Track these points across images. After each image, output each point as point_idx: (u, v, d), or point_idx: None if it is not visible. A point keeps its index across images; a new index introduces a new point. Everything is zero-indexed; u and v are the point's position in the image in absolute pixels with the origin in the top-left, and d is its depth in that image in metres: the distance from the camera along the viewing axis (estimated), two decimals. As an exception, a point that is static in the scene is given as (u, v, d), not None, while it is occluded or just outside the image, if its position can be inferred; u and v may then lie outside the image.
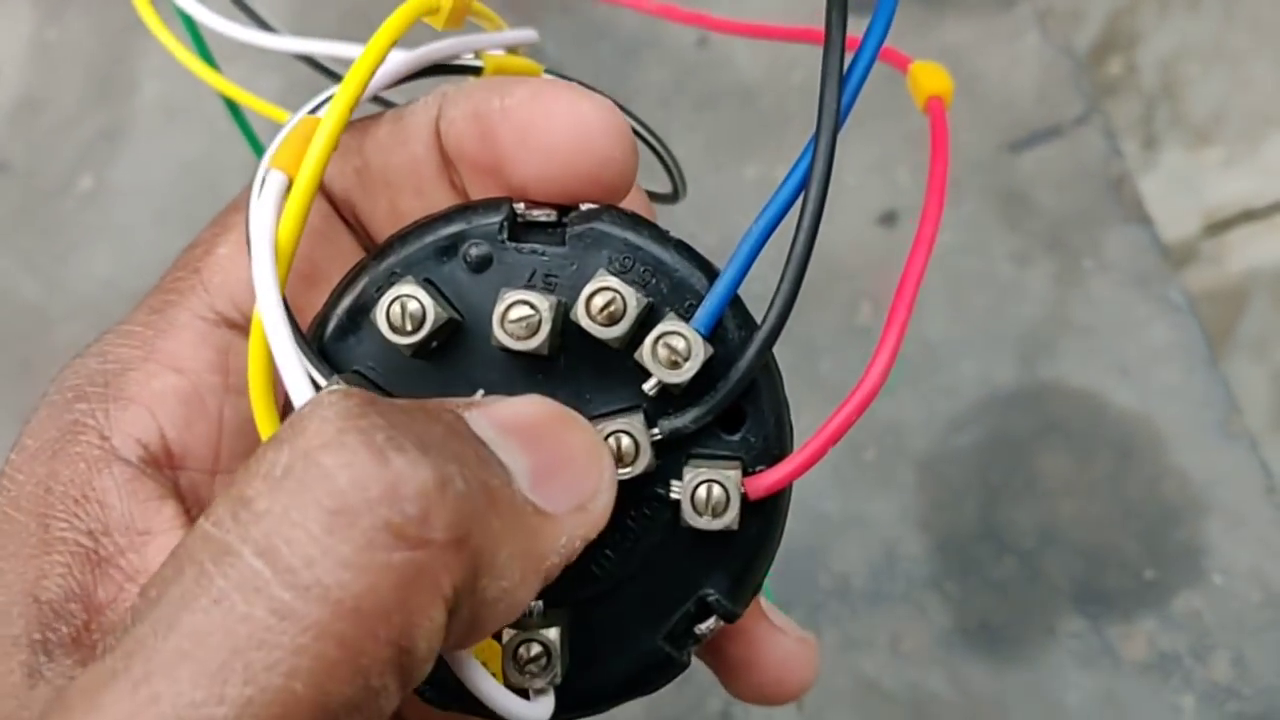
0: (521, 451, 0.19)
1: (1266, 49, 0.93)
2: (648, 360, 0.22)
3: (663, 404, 0.23)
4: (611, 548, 0.23)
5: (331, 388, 0.18)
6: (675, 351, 0.22)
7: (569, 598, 0.23)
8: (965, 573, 0.70)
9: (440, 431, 0.18)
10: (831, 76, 0.22)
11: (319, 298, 0.24)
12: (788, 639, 0.27)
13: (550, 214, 0.24)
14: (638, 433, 0.22)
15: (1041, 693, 0.67)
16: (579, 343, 0.22)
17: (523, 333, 0.22)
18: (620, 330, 0.22)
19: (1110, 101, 0.88)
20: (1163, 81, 0.95)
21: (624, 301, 0.22)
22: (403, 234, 0.24)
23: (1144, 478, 0.70)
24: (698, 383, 0.22)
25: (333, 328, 0.23)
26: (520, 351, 0.22)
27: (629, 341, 0.22)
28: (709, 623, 0.24)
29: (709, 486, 0.22)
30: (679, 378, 0.22)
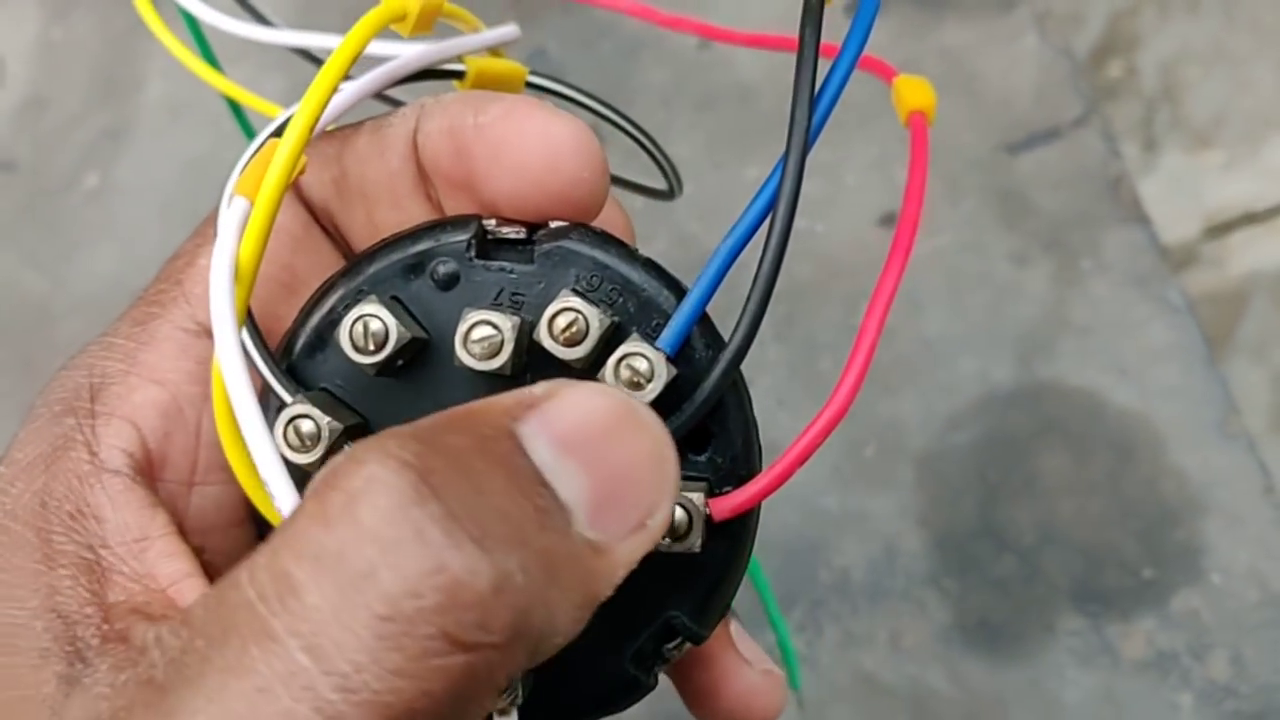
0: (582, 472, 0.19)
1: (1267, 52, 0.94)
2: (610, 381, 0.22)
3: None
4: None
5: (372, 455, 0.17)
6: (638, 373, 0.22)
7: None
8: (964, 570, 0.70)
9: (498, 495, 0.17)
10: (802, 94, 0.21)
11: (298, 306, 0.24)
12: (753, 671, 0.26)
13: (520, 231, 0.23)
14: None
15: (1040, 690, 0.67)
16: (544, 362, 0.22)
17: (484, 353, 0.21)
18: (582, 351, 0.22)
19: (1110, 104, 0.88)
20: (1163, 84, 0.95)
21: (586, 323, 0.22)
22: (371, 251, 0.24)
23: (1142, 477, 0.70)
24: (663, 403, 0.22)
25: (301, 345, 0.23)
26: (484, 372, 0.22)
27: (593, 361, 0.22)
28: (675, 644, 0.24)
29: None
30: (643, 399, 0.22)
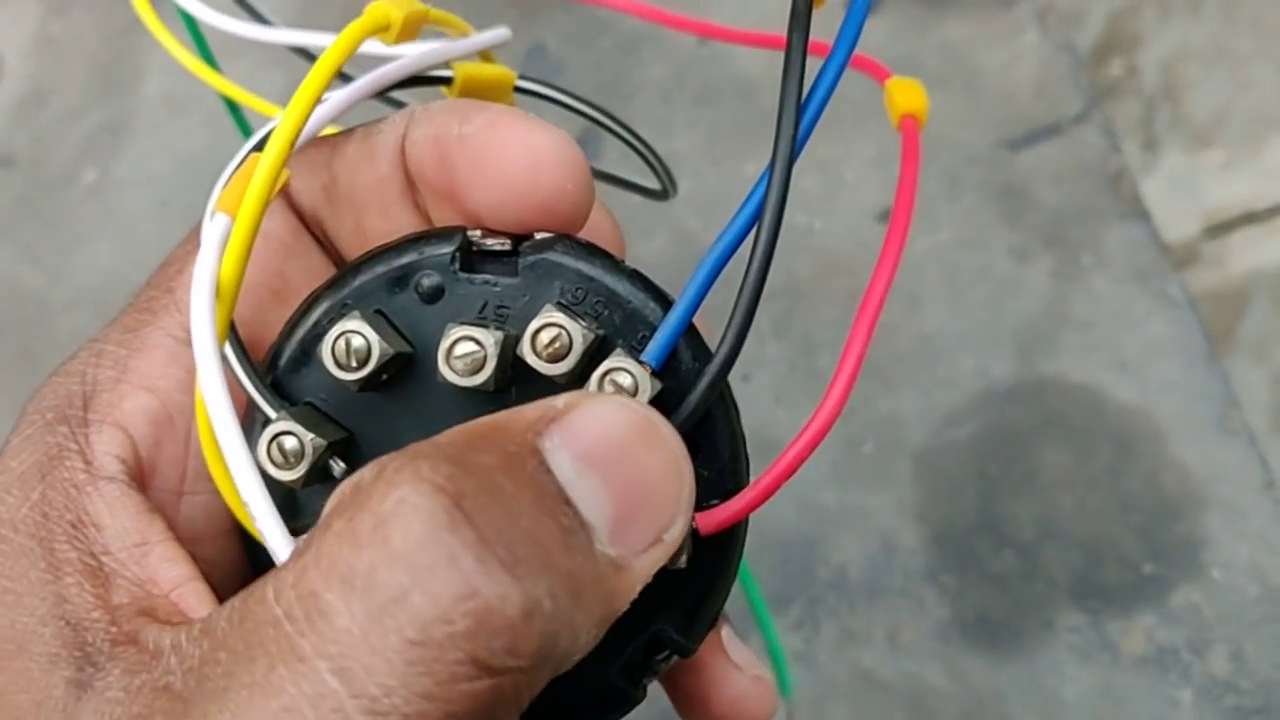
0: (603, 489, 0.19)
1: (1267, 51, 0.94)
2: None
3: None
4: None
5: (404, 477, 0.17)
6: (622, 388, 0.21)
7: None
8: (963, 566, 0.70)
9: (526, 518, 0.18)
10: (789, 99, 0.21)
11: (288, 313, 0.24)
12: (743, 677, 0.26)
13: (505, 243, 0.23)
14: None
15: (1039, 686, 0.67)
16: (529, 376, 0.22)
17: (467, 369, 0.21)
18: (565, 367, 0.21)
19: (1111, 103, 0.88)
20: (1163, 83, 0.95)
21: (569, 338, 0.21)
22: (357, 264, 0.24)
23: (1142, 472, 0.70)
24: None
25: (286, 360, 0.23)
26: (468, 388, 0.21)
27: (578, 376, 0.22)
28: (663, 656, 0.24)
29: None
30: None
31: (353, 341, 0.22)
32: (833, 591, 0.70)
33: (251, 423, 0.23)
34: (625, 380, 0.21)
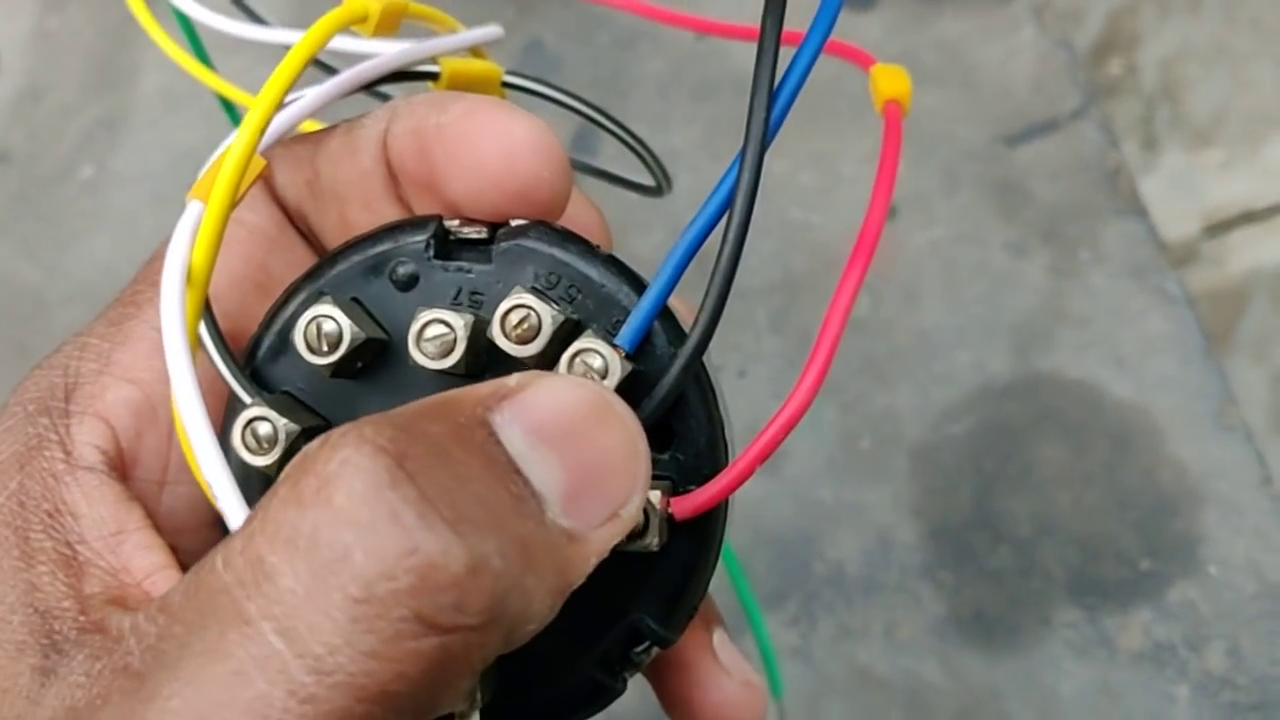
0: (556, 462, 0.19)
1: (1267, 50, 0.94)
2: None
3: None
4: None
5: (348, 439, 0.17)
6: (592, 369, 0.21)
7: None
8: (960, 562, 0.69)
9: (474, 482, 0.18)
10: (761, 86, 0.21)
11: None
12: (731, 682, 0.26)
13: (482, 231, 0.23)
14: None
15: (1036, 682, 0.67)
16: (502, 361, 0.22)
17: (438, 352, 0.21)
18: (535, 349, 0.21)
19: (1110, 102, 0.88)
20: (1163, 82, 0.95)
21: (538, 319, 0.21)
22: (334, 253, 0.24)
23: (1140, 468, 0.70)
24: (623, 400, 0.21)
25: (264, 349, 0.23)
26: (440, 371, 0.21)
27: (550, 359, 0.22)
28: (643, 648, 0.23)
29: None
30: None
31: (324, 326, 0.22)
32: (829, 587, 0.70)
33: (230, 410, 0.23)
34: (595, 362, 0.21)
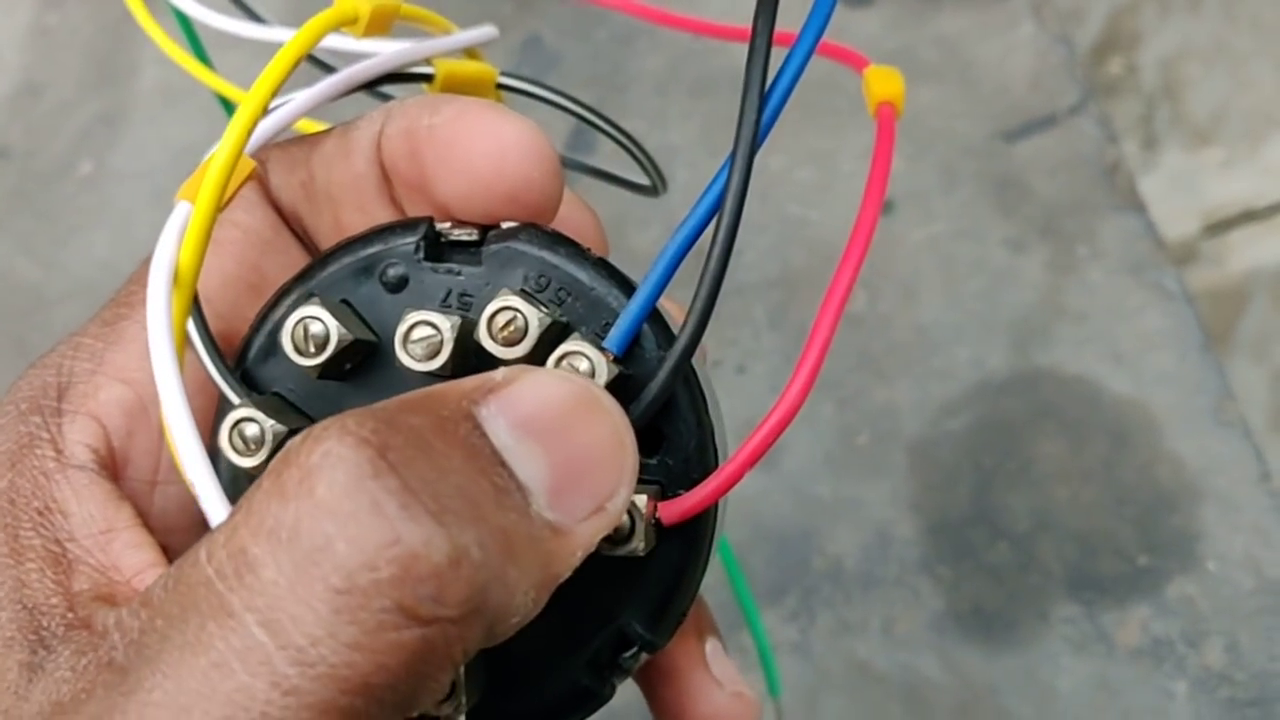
0: (541, 455, 0.19)
1: (1267, 49, 0.94)
2: None
3: None
4: None
5: (330, 431, 0.17)
6: (578, 372, 0.21)
7: None
8: (958, 557, 0.69)
9: (456, 473, 0.18)
10: (753, 87, 0.21)
11: None
12: (721, 694, 0.26)
13: (472, 233, 0.23)
14: None
15: (1034, 678, 0.67)
16: (490, 363, 0.22)
17: (425, 353, 0.21)
18: (521, 351, 0.21)
19: (1110, 101, 0.88)
20: (1163, 81, 0.95)
21: (525, 321, 0.21)
22: (325, 255, 0.24)
23: (1138, 463, 0.70)
24: None
25: (255, 351, 0.23)
26: (427, 373, 0.21)
27: (537, 360, 0.22)
28: (632, 653, 0.23)
29: None
30: None
31: (310, 327, 0.22)
32: (827, 582, 0.70)
33: (220, 411, 0.23)
34: (582, 364, 0.21)
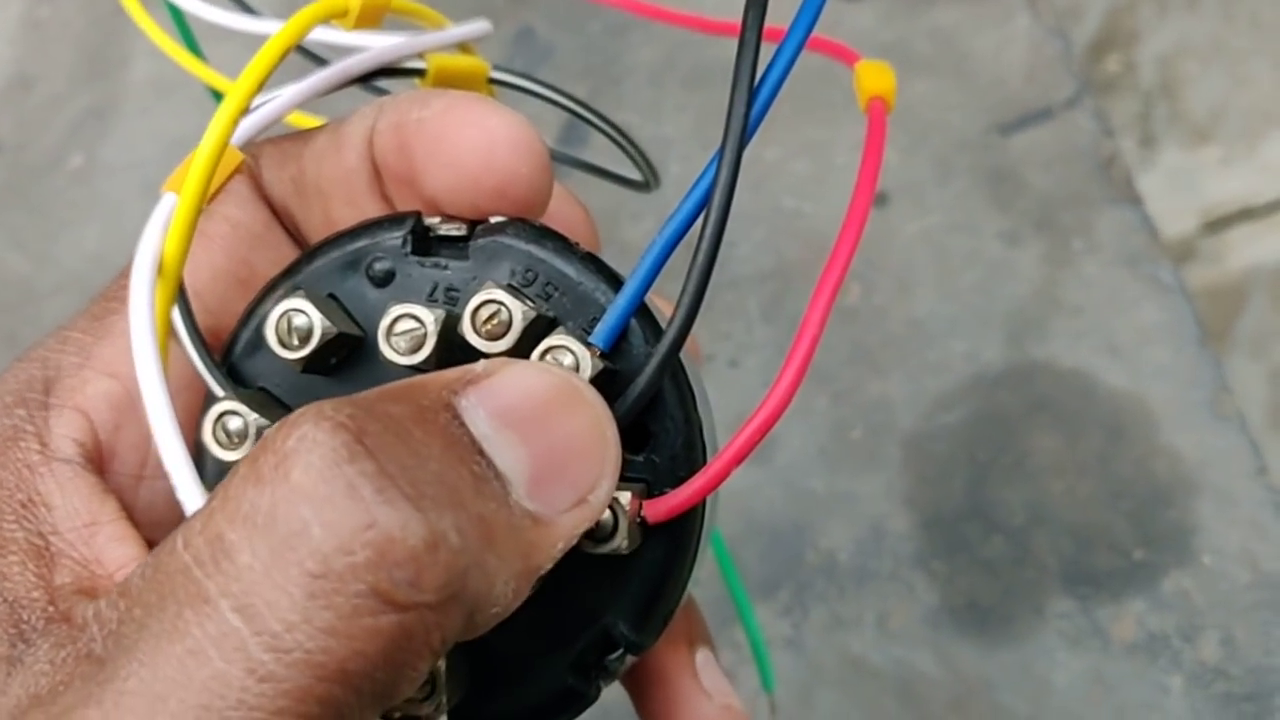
0: (521, 444, 0.19)
1: (1265, 47, 0.93)
2: None
3: None
4: None
5: (307, 416, 0.17)
6: (563, 366, 0.21)
7: None
8: (953, 551, 0.69)
9: (434, 460, 0.17)
10: (742, 82, 0.21)
11: None
12: (710, 705, 0.26)
13: (461, 228, 0.23)
14: None
15: (1029, 673, 0.66)
16: (475, 357, 0.21)
17: (408, 347, 0.21)
18: (505, 345, 0.21)
19: (1108, 98, 0.88)
20: (1161, 79, 0.95)
21: (509, 314, 0.21)
22: (313, 249, 0.24)
23: (1134, 457, 0.70)
24: None
25: (241, 345, 0.23)
26: (411, 367, 0.21)
27: (522, 355, 0.21)
28: (617, 655, 0.23)
29: None
30: None
31: (294, 320, 0.21)
32: (821, 577, 0.69)
33: (205, 404, 0.23)
34: (566, 359, 0.21)
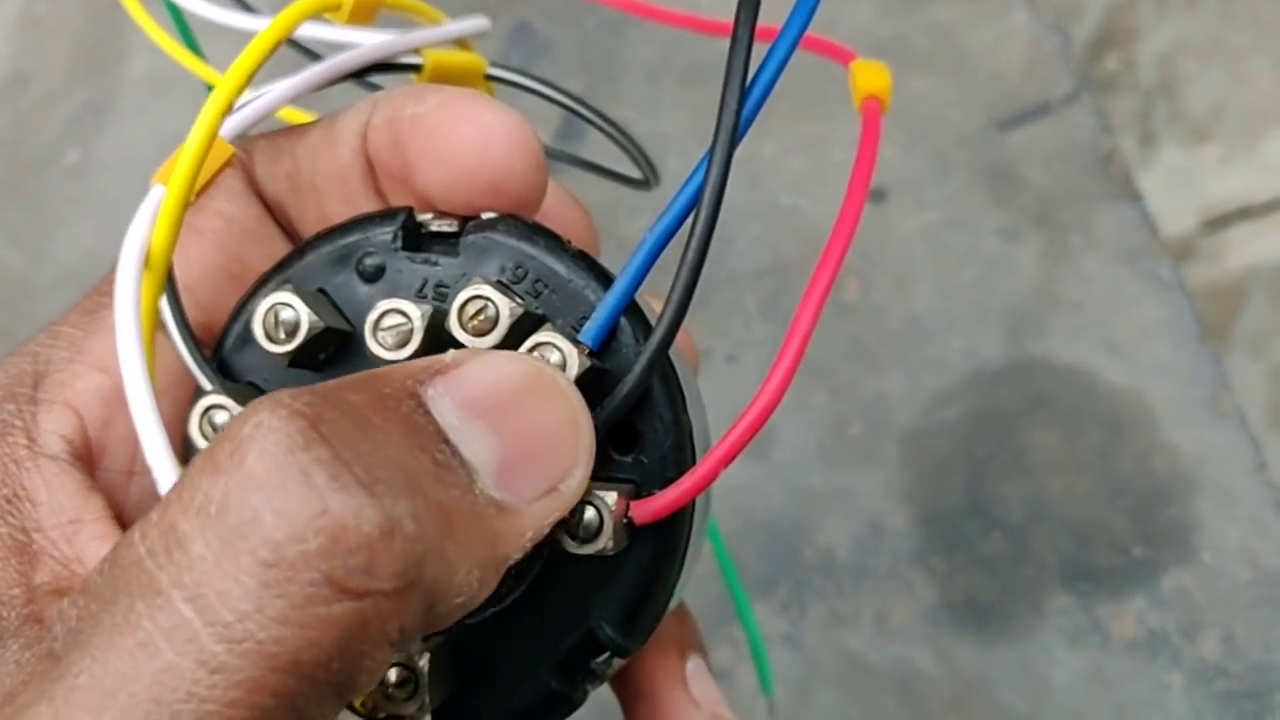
0: (490, 433, 0.18)
1: (1265, 46, 0.93)
2: None
3: None
4: None
5: (264, 404, 0.17)
6: (548, 363, 0.21)
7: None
8: (951, 549, 0.69)
9: (393, 447, 0.17)
10: (734, 80, 0.21)
11: None
12: (699, 715, 0.26)
13: (452, 224, 0.23)
14: None
15: (1028, 670, 0.66)
16: None
17: (395, 342, 0.21)
18: (492, 341, 0.21)
19: (1108, 97, 0.88)
20: (1161, 78, 0.95)
21: (496, 310, 0.21)
22: (304, 245, 0.24)
23: (1133, 454, 0.70)
24: (586, 398, 0.21)
25: (231, 339, 0.23)
26: (397, 362, 0.21)
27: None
28: (604, 659, 0.23)
29: (581, 509, 0.21)
30: None
31: (282, 314, 0.21)
32: (819, 574, 0.69)
33: (193, 398, 0.23)
34: (553, 356, 0.21)
